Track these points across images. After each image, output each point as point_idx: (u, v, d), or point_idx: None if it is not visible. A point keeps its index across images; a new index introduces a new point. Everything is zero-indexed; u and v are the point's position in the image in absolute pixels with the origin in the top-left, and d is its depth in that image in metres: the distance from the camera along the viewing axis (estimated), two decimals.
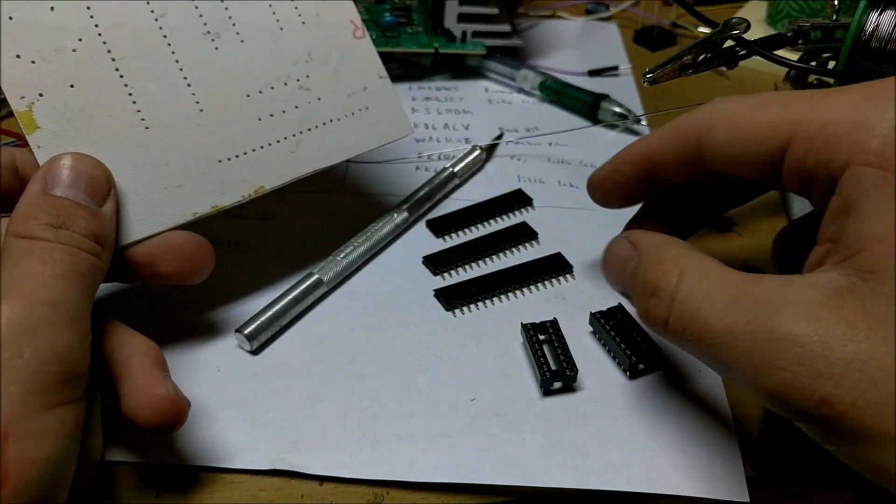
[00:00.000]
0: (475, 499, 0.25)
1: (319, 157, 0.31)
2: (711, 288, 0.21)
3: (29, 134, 0.26)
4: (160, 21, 0.29)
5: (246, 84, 0.30)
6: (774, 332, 0.19)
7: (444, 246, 0.36)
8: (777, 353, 0.19)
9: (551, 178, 0.41)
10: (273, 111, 0.31)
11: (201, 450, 0.26)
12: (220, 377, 0.29)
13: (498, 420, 0.27)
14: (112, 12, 0.28)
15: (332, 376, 0.29)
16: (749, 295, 0.20)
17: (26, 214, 0.23)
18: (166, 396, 0.23)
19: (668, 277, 0.23)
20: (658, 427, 0.27)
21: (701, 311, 0.21)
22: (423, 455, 0.26)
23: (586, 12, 0.60)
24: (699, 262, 0.23)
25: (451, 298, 0.32)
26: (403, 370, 0.29)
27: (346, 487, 0.25)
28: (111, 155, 0.27)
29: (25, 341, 0.20)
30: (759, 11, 0.55)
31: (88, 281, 0.23)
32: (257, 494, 0.25)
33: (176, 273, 0.27)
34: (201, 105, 0.29)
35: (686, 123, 0.25)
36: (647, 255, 0.25)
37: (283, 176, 0.30)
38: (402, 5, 0.50)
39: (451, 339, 0.31)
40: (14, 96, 0.26)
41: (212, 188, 0.29)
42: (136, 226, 0.27)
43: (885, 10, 0.28)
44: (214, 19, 0.30)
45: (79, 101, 0.27)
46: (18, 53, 0.26)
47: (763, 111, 0.23)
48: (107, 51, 0.28)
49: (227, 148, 0.29)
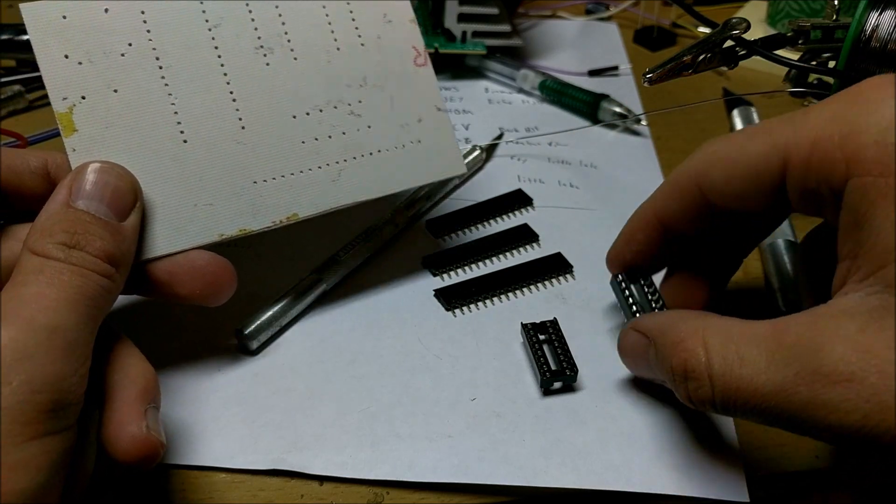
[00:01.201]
0: (475, 499, 0.25)
1: (361, 188, 0.30)
2: (743, 350, 0.20)
3: (66, 136, 0.26)
4: (213, 31, 0.28)
5: (293, 104, 0.29)
6: (829, 377, 0.18)
7: (444, 246, 0.36)
8: (839, 396, 0.18)
9: (551, 178, 0.41)
10: (318, 135, 0.29)
11: (201, 450, 0.26)
12: (221, 377, 0.29)
13: (498, 420, 0.27)
14: (166, 19, 0.27)
15: (332, 376, 0.29)
16: (784, 345, 0.19)
17: (44, 229, 0.23)
18: (136, 436, 0.22)
19: (694, 357, 0.21)
20: (658, 427, 0.27)
21: (744, 379, 0.20)
22: (423, 455, 0.26)
23: (586, 12, 0.60)
24: (718, 327, 0.22)
25: (451, 298, 0.32)
26: (403, 370, 0.29)
27: (346, 487, 0.25)
28: (144, 165, 0.26)
29: (17, 368, 0.19)
30: (759, 11, 0.55)
31: (95, 304, 0.22)
32: (257, 494, 0.25)
33: (194, 295, 0.26)
34: (244, 122, 0.28)
35: (683, 175, 0.25)
36: (661, 340, 0.23)
37: (319, 205, 0.29)
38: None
39: (451, 339, 0.31)
40: (56, 96, 0.26)
41: (242, 210, 0.28)
42: (159, 241, 0.26)
43: (885, 10, 0.28)
44: (269, 34, 0.29)
45: (120, 108, 0.26)
46: (67, 54, 0.26)
47: (751, 143, 0.22)
48: (155, 58, 0.27)
49: (264, 169, 0.28)
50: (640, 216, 0.28)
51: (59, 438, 0.20)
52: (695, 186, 0.24)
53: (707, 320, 0.22)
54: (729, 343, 0.21)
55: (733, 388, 0.20)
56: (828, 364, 0.18)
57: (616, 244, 0.29)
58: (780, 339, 0.20)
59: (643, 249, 0.28)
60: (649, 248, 0.28)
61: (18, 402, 0.19)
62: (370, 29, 0.31)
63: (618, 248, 0.29)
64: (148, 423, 0.22)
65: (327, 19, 0.30)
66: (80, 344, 0.21)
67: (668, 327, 0.23)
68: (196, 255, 0.26)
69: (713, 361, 0.21)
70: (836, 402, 0.18)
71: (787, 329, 0.20)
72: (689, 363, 0.22)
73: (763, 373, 0.19)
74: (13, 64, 0.50)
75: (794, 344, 0.19)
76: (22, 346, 0.20)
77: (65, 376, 0.20)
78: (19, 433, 0.19)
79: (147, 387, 0.24)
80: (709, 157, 0.24)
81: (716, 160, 0.24)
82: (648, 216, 0.27)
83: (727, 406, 0.21)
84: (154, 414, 0.23)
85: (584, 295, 0.33)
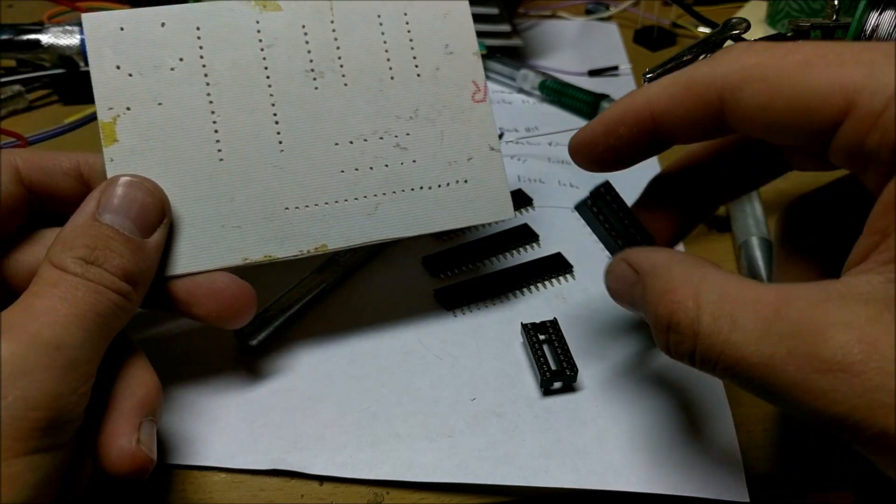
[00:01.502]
0: (475, 499, 0.25)
1: (397, 225, 0.28)
2: (737, 313, 0.19)
3: (106, 145, 0.26)
4: (266, 51, 0.28)
5: (337, 131, 0.28)
6: (825, 363, 0.17)
7: (443, 247, 0.36)
8: (830, 384, 0.17)
9: (551, 178, 0.41)
10: (359, 165, 0.28)
11: (201, 450, 0.26)
12: (221, 377, 0.29)
13: (498, 420, 0.27)
14: (219, 36, 0.27)
15: (332, 376, 0.29)
16: (784, 318, 0.18)
17: (66, 241, 0.22)
18: (125, 450, 0.22)
19: (683, 310, 0.20)
20: (658, 427, 0.27)
21: (730, 343, 0.19)
22: (423, 455, 0.26)
23: (586, 12, 0.60)
24: (716, 283, 0.20)
25: (451, 299, 0.32)
26: (403, 370, 0.29)
27: (346, 487, 0.25)
28: (177, 181, 0.26)
29: (14, 383, 0.19)
30: (759, 11, 0.55)
31: (106, 323, 0.22)
32: (257, 494, 0.25)
33: (212, 317, 0.26)
34: (284, 146, 0.27)
35: (704, 78, 0.21)
36: (651, 281, 0.22)
37: (350, 238, 0.28)
38: None
39: (451, 340, 0.31)
40: (102, 105, 0.26)
41: (270, 236, 0.27)
42: (182, 259, 0.26)
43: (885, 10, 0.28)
44: (322, 57, 0.28)
45: (162, 122, 0.26)
46: (119, 64, 0.26)
47: (809, 72, 0.18)
48: (203, 74, 0.27)
49: (298, 195, 0.27)
50: (631, 109, 0.23)
51: (50, 456, 0.20)
52: (716, 98, 0.20)
53: (705, 271, 0.20)
54: (724, 303, 0.19)
55: (717, 351, 0.19)
56: (827, 350, 0.17)
57: (591, 131, 0.24)
58: (780, 311, 0.18)
59: (621, 145, 0.24)
60: (628, 146, 0.24)
61: (12, 418, 0.19)
62: (429, 59, 0.30)
63: (593, 136, 0.24)
64: (140, 437, 0.22)
65: (385, 46, 0.29)
66: (83, 362, 0.21)
67: (661, 269, 0.21)
68: (217, 276, 0.26)
69: (702, 319, 0.19)
70: (825, 389, 0.17)
71: (790, 301, 0.18)
72: (676, 315, 0.20)
73: (753, 344, 0.18)
74: (13, 64, 0.50)
75: (794, 320, 0.18)
76: (22, 360, 0.20)
77: (63, 394, 0.20)
78: (9, 448, 0.19)
79: (146, 399, 0.23)
80: (746, 71, 0.20)
81: (755, 77, 0.19)
82: (642, 113, 0.23)
83: (706, 365, 0.20)
84: (149, 428, 0.23)
85: (584, 295, 0.33)
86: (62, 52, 0.49)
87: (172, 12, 0.27)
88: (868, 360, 0.16)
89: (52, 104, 0.49)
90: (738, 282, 0.20)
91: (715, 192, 0.27)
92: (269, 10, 0.28)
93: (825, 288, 0.18)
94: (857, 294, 0.17)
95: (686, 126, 0.22)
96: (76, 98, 0.48)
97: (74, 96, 0.49)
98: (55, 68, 0.48)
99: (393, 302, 0.33)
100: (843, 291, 0.17)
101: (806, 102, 0.18)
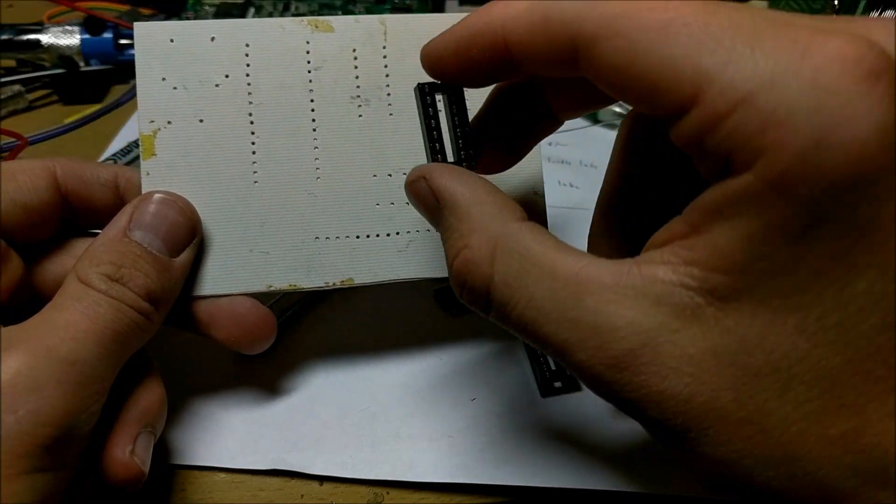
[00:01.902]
0: (475, 499, 0.25)
1: (426, 265, 0.28)
2: (534, 288, 0.18)
3: (144, 159, 0.25)
4: (313, 74, 0.27)
5: (377, 162, 0.27)
6: (613, 360, 0.17)
7: None
8: (616, 378, 0.17)
9: (551, 178, 0.41)
10: (395, 200, 0.27)
11: (201, 450, 0.26)
12: (221, 377, 0.29)
13: (498, 420, 0.27)
14: (268, 55, 0.26)
15: (332, 376, 0.29)
16: (578, 306, 0.17)
17: (94, 256, 0.22)
18: (118, 461, 0.22)
19: (477, 270, 0.19)
20: None
21: (525, 318, 0.18)
22: (423, 455, 0.26)
23: None
24: (516, 242, 0.18)
25: (451, 299, 0.32)
26: (403, 370, 0.30)
27: (346, 487, 0.25)
28: (210, 201, 0.26)
29: (25, 398, 0.19)
30: None
31: (125, 341, 0.22)
32: (257, 494, 0.25)
33: (230, 341, 0.26)
34: (320, 172, 0.27)
35: (559, 18, 0.18)
36: (450, 220, 0.20)
37: (378, 274, 0.27)
38: (402, 5, 0.50)
39: (451, 340, 0.31)
40: (144, 118, 0.25)
41: (297, 264, 0.26)
42: (206, 281, 0.26)
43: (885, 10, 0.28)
44: (370, 85, 0.27)
45: (201, 138, 0.26)
46: (165, 77, 0.25)
47: (667, 41, 0.16)
48: (248, 93, 0.26)
49: (330, 226, 0.27)
50: (483, 29, 0.20)
51: (51, 476, 0.20)
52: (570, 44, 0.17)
53: (505, 222, 0.19)
54: (522, 272, 0.18)
55: (512, 321, 0.18)
56: (615, 349, 0.17)
57: (441, 46, 0.21)
58: (577, 296, 0.17)
59: (473, 68, 0.21)
60: (481, 71, 0.21)
61: (20, 433, 0.19)
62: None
63: (443, 51, 0.21)
64: (135, 448, 0.22)
65: None
66: (97, 380, 0.21)
67: (461, 208, 0.20)
68: (239, 300, 0.26)
69: (497, 287, 0.18)
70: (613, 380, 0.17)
71: (587, 286, 0.17)
72: (470, 276, 0.19)
73: (548, 324, 0.18)
74: (13, 64, 0.50)
75: (589, 309, 0.17)
76: (36, 374, 0.19)
77: (73, 412, 0.20)
78: (12, 465, 0.18)
79: (147, 409, 0.23)
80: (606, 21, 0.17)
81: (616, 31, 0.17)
82: (495, 36, 0.19)
83: (505, 326, 0.19)
84: (145, 439, 0.23)
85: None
86: (62, 52, 0.49)
87: (223, 27, 0.26)
88: (651, 363, 0.16)
89: (52, 104, 0.49)
90: (540, 242, 0.18)
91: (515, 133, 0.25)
92: (322, 30, 0.27)
93: (623, 275, 0.17)
94: (650, 293, 0.17)
95: (541, 65, 0.19)
96: (76, 98, 0.48)
97: (74, 96, 0.49)
98: (55, 68, 0.48)
99: (393, 302, 0.33)
100: (638, 286, 0.17)
101: (657, 78, 0.16)
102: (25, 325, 0.21)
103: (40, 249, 0.26)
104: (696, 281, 0.16)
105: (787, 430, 0.16)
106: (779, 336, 0.16)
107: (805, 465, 0.16)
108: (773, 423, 0.16)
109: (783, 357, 0.16)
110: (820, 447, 0.16)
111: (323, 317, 0.32)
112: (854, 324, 0.16)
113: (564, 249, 0.18)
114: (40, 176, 0.25)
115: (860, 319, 0.16)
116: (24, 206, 0.24)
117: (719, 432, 0.17)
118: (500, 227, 0.19)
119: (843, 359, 0.16)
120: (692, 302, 0.16)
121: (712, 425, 0.17)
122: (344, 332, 0.31)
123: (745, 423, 0.16)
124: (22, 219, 0.24)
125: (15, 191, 0.24)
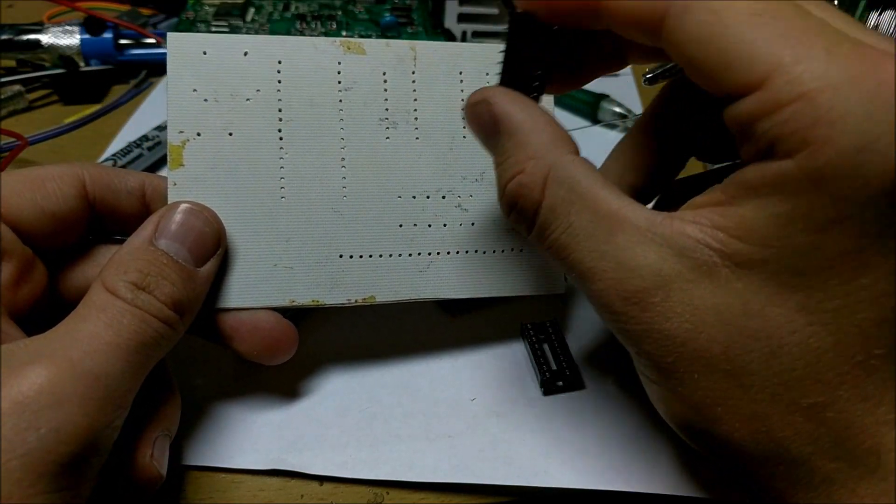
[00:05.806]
0: (475, 499, 0.25)
1: (446, 285, 0.28)
2: (574, 217, 0.19)
3: (172, 169, 0.25)
4: (343, 94, 0.27)
5: (402, 184, 0.28)
6: (630, 295, 0.19)
7: None
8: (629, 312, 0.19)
9: None
10: (418, 221, 0.28)
11: (201, 450, 0.26)
12: (221, 377, 0.29)
13: (498, 420, 0.27)
14: (299, 72, 0.27)
15: (332, 376, 0.29)
16: (609, 241, 0.19)
17: (120, 264, 0.22)
18: (139, 465, 0.22)
19: (528, 194, 0.20)
20: (658, 427, 0.27)
21: (559, 243, 0.20)
22: (423, 455, 0.26)
23: None
24: (567, 173, 0.20)
25: (451, 299, 0.32)
26: (403, 370, 0.30)
27: (346, 487, 0.25)
28: (236, 214, 0.26)
29: (48, 415, 0.18)
30: None
31: (149, 353, 0.22)
32: (257, 494, 0.25)
33: (252, 353, 0.26)
34: (347, 191, 0.27)
35: None
36: (507, 144, 0.21)
37: (399, 293, 0.28)
38: (402, 5, 0.50)
39: (450, 340, 0.31)
40: (174, 128, 0.25)
41: (320, 281, 0.27)
42: (229, 294, 0.26)
43: (885, 10, 0.28)
44: (398, 108, 0.28)
45: (230, 152, 0.26)
46: (196, 88, 0.26)
47: (754, 27, 0.17)
48: (278, 109, 0.26)
49: (354, 244, 0.27)
50: None
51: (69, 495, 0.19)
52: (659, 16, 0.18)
53: (561, 153, 0.20)
54: (567, 201, 0.20)
55: (547, 243, 0.20)
56: (632, 285, 0.18)
57: None
58: (612, 230, 0.19)
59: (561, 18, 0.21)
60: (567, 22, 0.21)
61: (42, 451, 0.18)
62: None
63: None
64: (153, 452, 0.22)
65: (462, 105, 0.28)
66: (121, 394, 0.20)
67: (521, 133, 0.21)
68: (262, 314, 0.26)
69: (542, 211, 0.20)
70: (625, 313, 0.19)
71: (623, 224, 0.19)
72: (521, 200, 0.20)
73: (580, 251, 0.19)
74: (13, 64, 0.50)
75: (618, 245, 0.19)
76: (59, 390, 0.19)
77: (97, 429, 0.19)
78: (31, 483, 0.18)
79: (165, 413, 0.23)
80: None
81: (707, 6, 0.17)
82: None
83: (536, 243, 0.21)
84: (162, 443, 0.23)
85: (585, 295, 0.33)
86: (62, 52, 0.49)
87: (257, 42, 0.26)
88: (660, 304, 0.18)
89: (52, 104, 0.49)
90: (587, 177, 0.20)
91: None
92: (353, 52, 0.27)
93: (656, 223, 0.19)
94: (675, 244, 0.18)
95: (627, 23, 0.19)
96: (76, 98, 0.48)
97: (74, 96, 0.49)
98: (55, 68, 0.48)
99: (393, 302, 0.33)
100: (666, 236, 0.18)
101: (734, 56, 0.17)
102: (49, 335, 0.20)
103: (64, 256, 0.25)
104: (719, 243, 0.18)
105: (762, 390, 0.18)
106: (780, 308, 0.17)
107: (769, 424, 0.18)
108: (752, 381, 0.18)
109: (778, 327, 0.18)
110: (787, 412, 0.18)
111: (323, 317, 0.32)
112: (851, 312, 0.17)
113: (609, 187, 0.20)
114: (69, 184, 0.24)
115: (857, 310, 0.17)
116: (52, 214, 0.24)
117: (703, 377, 0.18)
118: (555, 158, 0.20)
119: (832, 340, 0.17)
120: (710, 260, 0.18)
121: (699, 370, 0.18)
122: (344, 333, 0.31)
123: (727, 376, 0.18)
124: (49, 227, 0.24)
125: (43, 198, 0.24)
